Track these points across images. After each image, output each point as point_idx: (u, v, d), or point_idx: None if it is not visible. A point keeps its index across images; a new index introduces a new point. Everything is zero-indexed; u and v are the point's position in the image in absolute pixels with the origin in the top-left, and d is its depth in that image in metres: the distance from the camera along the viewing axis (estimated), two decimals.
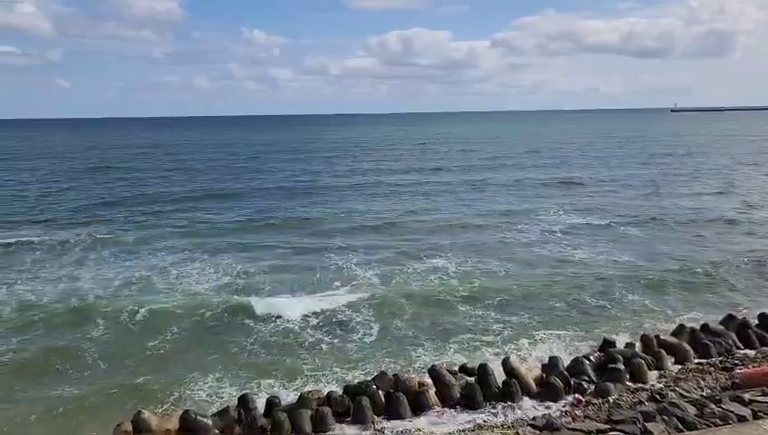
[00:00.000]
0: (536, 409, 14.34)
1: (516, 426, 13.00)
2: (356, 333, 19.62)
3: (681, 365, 16.50)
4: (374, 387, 14.64)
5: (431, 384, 14.99)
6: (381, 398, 14.46)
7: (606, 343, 17.48)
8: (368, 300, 22.31)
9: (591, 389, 15.04)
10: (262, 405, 14.33)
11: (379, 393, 14.52)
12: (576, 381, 15.14)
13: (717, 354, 16.99)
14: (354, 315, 21.03)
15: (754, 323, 18.81)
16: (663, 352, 16.62)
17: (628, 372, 15.58)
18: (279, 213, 41.20)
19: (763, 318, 18.88)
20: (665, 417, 12.06)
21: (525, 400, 14.72)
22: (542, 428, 12.41)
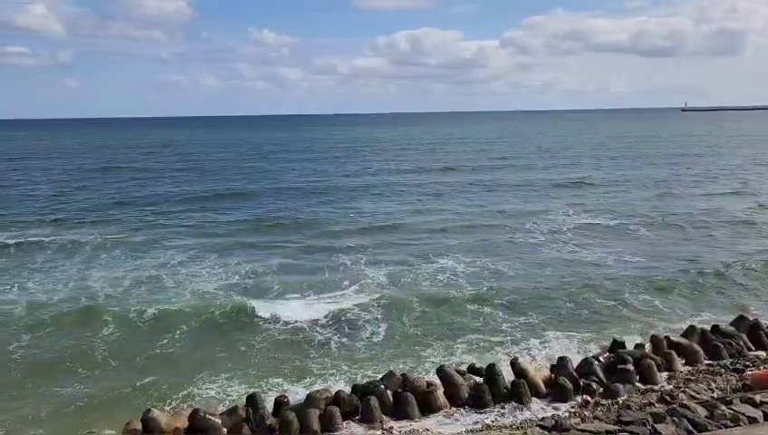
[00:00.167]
0: (545, 410, 14.33)
1: (525, 427, 12.97)
2: (364, 333, 19.65)
3: (691, 366, 16.40)
4: (382, 387, 14.65)
5: (439, 384, 15.00)
6: (390, 398, 14.47)
7: (615, 343, 17.40)
8: (376, 300, 22.33)
9: (601, 390, 14.98)
10: (270, 404, 14.40)
11: (388, 393, 14.53)
12: (585, 382, 15.08)
13: (728, 356, 16.87)
14: (363, 315, 21.06)
15: (766, 324, 18.65)
16: (673, 354, 16.52)
17: (637, 373, 15.51)
18: (288, 213, 41.37)
19: None
20: (675, 418, 11.99)
21: (534, 400, 14.70)
22: (550, 429, 12.38)
